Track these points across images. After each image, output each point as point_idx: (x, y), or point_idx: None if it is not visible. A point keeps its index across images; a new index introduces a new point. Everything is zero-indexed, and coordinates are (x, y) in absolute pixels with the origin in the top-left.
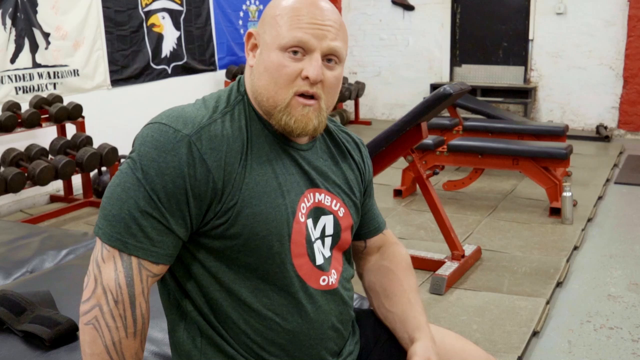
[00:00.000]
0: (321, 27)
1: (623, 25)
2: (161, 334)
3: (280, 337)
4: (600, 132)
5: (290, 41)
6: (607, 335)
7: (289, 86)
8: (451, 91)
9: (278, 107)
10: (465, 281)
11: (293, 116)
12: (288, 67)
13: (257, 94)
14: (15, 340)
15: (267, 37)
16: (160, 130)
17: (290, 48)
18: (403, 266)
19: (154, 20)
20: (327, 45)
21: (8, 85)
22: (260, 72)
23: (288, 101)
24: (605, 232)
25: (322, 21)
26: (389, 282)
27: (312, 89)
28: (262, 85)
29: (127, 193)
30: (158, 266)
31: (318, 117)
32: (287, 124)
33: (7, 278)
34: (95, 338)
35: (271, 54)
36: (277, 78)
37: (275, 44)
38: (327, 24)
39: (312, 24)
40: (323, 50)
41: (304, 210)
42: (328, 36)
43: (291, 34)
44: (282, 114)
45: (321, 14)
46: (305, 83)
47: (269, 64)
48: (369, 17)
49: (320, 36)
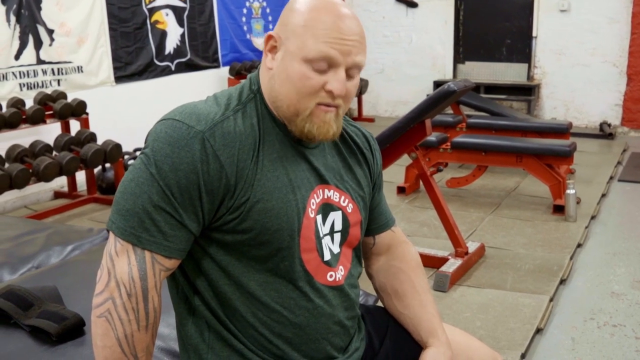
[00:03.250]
0: (347, 43)
1: (627, 22)
2: (168, 329)
3: (288, 330)
4: (603, 129)
5: (317, 55)
6: (611, 332)
7: (312, 97)
8: (455, 88)
9: (300, 116)
10: (468, 278)
11: (315, 124)
12: (312, 79)
13: (275, 99)
14: (23, 335)
15: (291, 46)
16: (174, 127)
17: (316, 62)
18: (413, 265)
19: (158, 17)
20: (351, 60)
21: (12, 82)
22: (282, 79)
23: (311, 110)
24: (609, 229)
25: (349, 36)
26: (400, 283)
27: (334, 101)
28: (284, 92)
29: (140, 188)
30: (171, 260)
31: (336, 122)
32: (310, 132)
33: (14, 273)
34: (107, 331)
35: (295, 63)
36: (301, 89)
37: (300, 55)
38: (353, 39)
39: (339, 38)
40: (347, 65)
41: (313, 206)
42: (353, 51)
43: (318, 49)
44: (305, 122)
45: (348, 29)
46: (328, 95)
47: (292, 73)
48: (373, 14)
49: (346, 52)
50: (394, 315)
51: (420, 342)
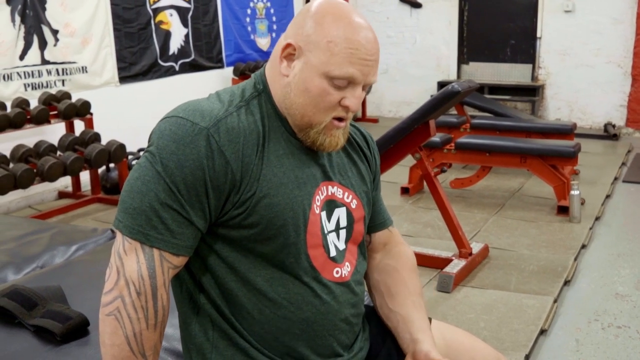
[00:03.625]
0: (369, 63)
1: (631, 23)
2: (171, 330)
3: (295, 326)
4: (608, 130)
5: (340, 74)
6: (615, 334)
7: (329, 112)
8: (459, 89)
9: (315, 128)
10: (472, 279)
11: (327, 137)
12: (332, 95)
13: (290, 108)
14: (27, 335)
15: (313, 59)
16: (178, 124)
17: (339, 81)
18: (408, 267)
19: (162, 18)
20: (370, 80)
21: (17, 82)
22: (299, 90)
23: (326, 124)
24: (613, 230)
25: (371, 56)
26: (394, 282)
27: (346, 115)
28: (300, 103)
29: (147, 186)
30: (179, 258)
31: (344, 134)
32: (322, 144)
33: (18, 273)
34: (116, 329)
35: (316, 77)
36: (319, 103)
37: (322, 70)
38: (374, 59)
39: (363, 59)
40: (365, 84)
41: (318, 202)
42: (371, 72)
43: (344, 70)
44: (319, 134)
45: (371, 48)
46: (343, 110)
47: (312, 87)
48: (377, 15)
49: (366, 72)
50: (383, 315)
51: (407, 339)
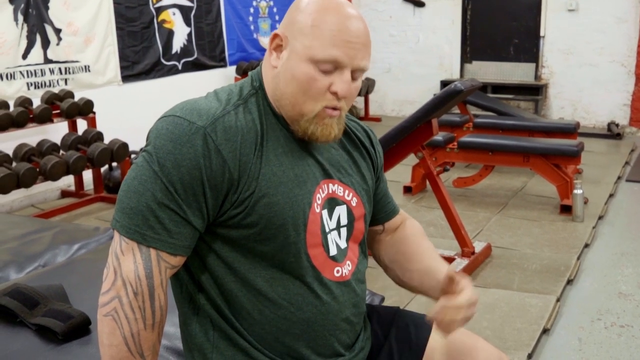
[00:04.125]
0: (354, 46)
1: (635, 21)
2: (172, 328)
3: (295, 327)
4: (611, 129)
5: (324, 57)
6: (618, 333)
7: (318, 99)
8: (462, 88)
9: (305, 117)
10: (475, 278)
11: (319, 126)
12: (319, 81)
13: (280, 98)
14: (29, 334)
15: (298, 45)
16: (175, 123)
17: (323, 64)
18: (419, 232)
19: (165, 17)
20: (357, 63)
21: (20, 81)
22: (287, 79)
23: (317, 113)
24: (616, 229)
25: (357, 38)
26: (408, 246)
27: (339, 103)
28: (289, 92)
29: (144, 186)
30: (176, 258)
31: (339, 125)
32: (314, 133)
33: (20, 272)
34: (114, 329)
35: (301, 64)
36: (307, 90)
37: (307, 55)
38: (360, 42)
39: (347, 41)
40: (353, 67)
41: (319, 201)
42: (359, 55)
43: (327, 52)
44: (310, 123)
45: (356, 32)
46: (333, 97)
47: (298, 73)
48: (380, 14)
49: (353, 55)
50: (406, 281)
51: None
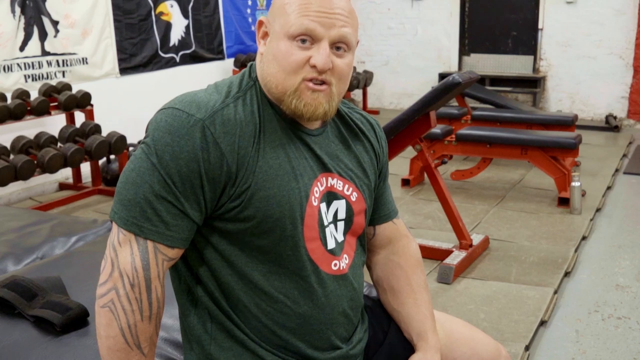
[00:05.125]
0: (329, 16)
1: (633, 14)
2: (171, 320)
3: (291, 320)
4: (609, 122)
5: (297, 29)
6: (615, 325)
7: (297, 73)
8: (460, 80)
9: (287, 92)
10: (473, 270)
11: (303, 100)
12: (295, 55)
13: (266, 81)
14: (27, 325)
15: (276, 26)
16: (174, 115)
17: (298, 37)
18: (412, 262)
19: (163, 9)
20: (335, 33)
21: (17, 73)
22: (269, 60)
23: (296, 86)
24: (614, 222)
25: (331, 9)
26: (396, 280)
27: (321, 75)
28: (271, 72)
29: (142, 178)
30: (173, 250)
31: (329, 101)
32: (297, 108)
33: (18, 264)
34: (111, 321)
35: (280, 42)
36: (285, 66)
37: (283, 33)
38: (336, 12)
39: (320, 12)
40: (331, 38)
41: (317, 194)
42: (336, 24)
43: (299, 22)
44: (292, 97)
45: (329, 2)
46: (313, 70)
47: (277, 52)
48: (378, 6)
49: (328, 25)
50: (388, 311)
51: (410, 342)
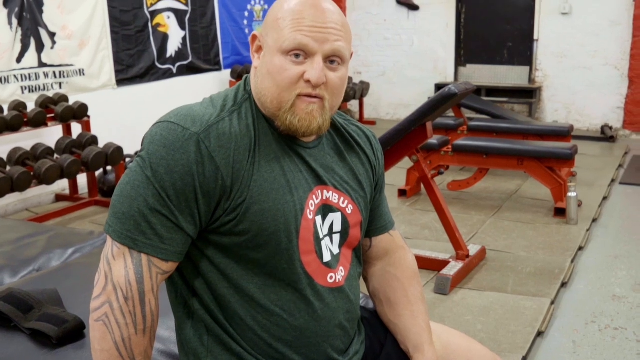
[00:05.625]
0: (322, 30)
1: (628, 25)
2: (168, 332)
3: (287, 333)
4: (605, 132)
5: (290, 45)
6: (612, 335)
7: (292, 88)
8: (456, 91)
9: (283, 109)
10: (469, 281)
11: (297, 115)
12: (289, 70)
13: (260, 96)
14: (23, 338)
15: (270, 40)
16: (169, 129)
17: (292, 52)
18: (409, 274)
19: (159, 20)
20: (329, 47)
21: (14, 85)
22: (263, 75)
23: (292, 102)
24: (610, 232)
25: (324, 24)
26: (393, 292)
27: (314, 91)
28: (265, 87)
29: (136, 191)
30: (167, 263)
31: (322, 115)
32: (292, 123)
33: (14, 276)
34: (105, 334)
35: (274, 57)
36: (280, 81)
37: (277, 48)
38: (329, 27)
39: (313, 27)
40: (325, 53)
41: (312, 207)
42: (330, 39)
43: (292, 37)
44: (287, 114)
45: (323, 17)
46: (308, 85)
47: (271, 67)
48: (374, 17)
49: (322, 39)
50: (385, 323)
51: (407, 354)
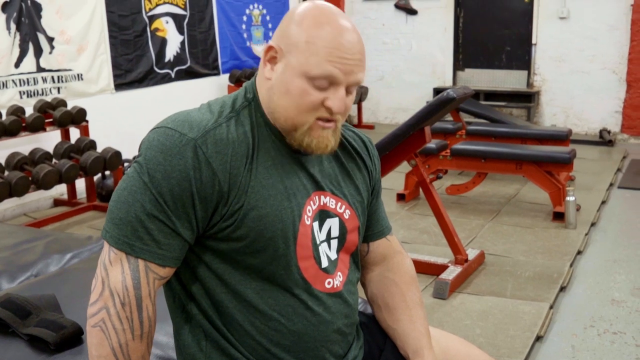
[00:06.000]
0: (349, 62)
1: (626, 29)
2: (166, 338)
3: (286, 338)
4: (603, 136)
5: (319, 74)
6: (611, 340)
7: (311, 113)
8: (454, 95)
9: (299, 131)
10: (468, 285)
11: (314, 138)
12: (312, 95)
13: (274, 111)
14: (21, 344)
15: (293, 60)
16: (166, 134)
17: (318, 80)
18: (406, 279)
19: (158, 25)
20: (353, 79)
21: (12, 90)
22: (281, 92)
23: (310, 125)
24: (609, 236)
25: (352, 55)
26: (391, 297)
27: (332, 116)
28: (282, 105)
29: (134, 196)
30: (165, 269)
31: (334, 137)
32: (308, 145)
33: (12, 282)
34: (102, 340)
35: (295, 78)
36: (300, 104)
37: (301, 70)
38: (356, 58)
39: (342, 58)
40: (349, 84)
41: (309, 213)
42: (354, 70)
43: (322, 68)
44: (304, 136)
45: (351, 48)
46: (327, 111)
47: (292, 88)
48: (372, 22)
49: (348, 71)
50: (384, 328)
51: (406, 359)
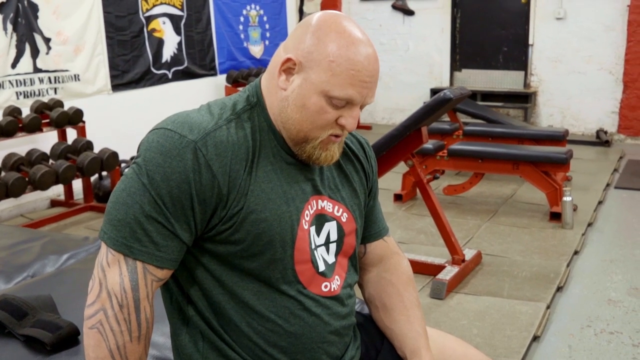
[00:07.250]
0: (368, 85)
1: (623, 30)
2: (163, 339)
3: (283, 339)
4: (600, 136)
5: (341, 96)
6: (608, 340)
7: (326, 129)
8: (451, 96)
9: (310, 144)
10: (465, 286)
11: (323, 152)
12: (329, 114)
13: (286, 122)
14: (17, 345)
15: (314, 76)
16: (166, 136)
17: (338, 101)
18: (404, 279)
19: (155, 25)
20: (368, 100)
21: (9, 90)
22: (296, 106)
23: (322, 139)
24: (606, 236)
25: (371, 77)
26: (388, 297)
27: (342, 132)
28: (296, 119)
29: (132, 198)
30: (163, 271)
31: (339, 149)
32: (318, 158)
33: (9, 282)
34: (99, 342)
35: (314, 95)
36: (316, 121)
37: (322, 89)
38: (374, 80)
39: (363, 81)
40: (363, 104)
41: (307, 217)
42: (370, 91)
43: (345, 91)
44: (315, 149)
45: (372, 70)
46: (340, 128)
47: (309, 104)
48: (369, 22)
49: (365, 94)
50: (381, 329)
51: (404, 359)
